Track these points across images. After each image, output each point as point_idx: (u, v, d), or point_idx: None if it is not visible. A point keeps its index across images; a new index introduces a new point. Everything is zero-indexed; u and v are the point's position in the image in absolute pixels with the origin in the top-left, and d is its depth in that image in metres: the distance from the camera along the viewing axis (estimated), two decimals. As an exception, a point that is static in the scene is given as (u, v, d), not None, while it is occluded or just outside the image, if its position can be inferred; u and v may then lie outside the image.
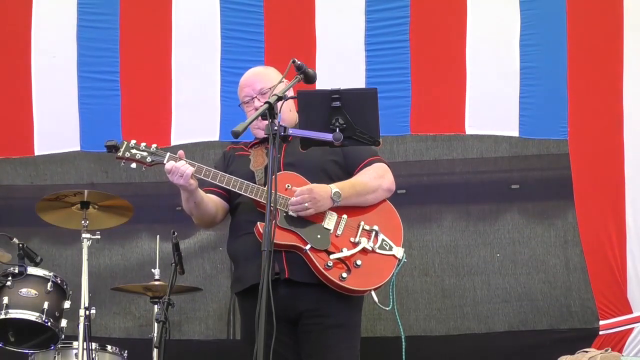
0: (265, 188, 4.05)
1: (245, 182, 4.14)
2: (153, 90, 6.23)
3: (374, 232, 4.19)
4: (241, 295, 4.30)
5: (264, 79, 4.40)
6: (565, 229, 6.43)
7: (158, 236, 5.94)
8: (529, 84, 6.12)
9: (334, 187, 4.16)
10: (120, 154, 4.25)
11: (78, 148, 6.26)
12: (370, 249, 4.15)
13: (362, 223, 4.19)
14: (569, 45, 6.09)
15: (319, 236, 4.12)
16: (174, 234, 4.83)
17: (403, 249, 4.21)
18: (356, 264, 4.11)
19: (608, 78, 6.09)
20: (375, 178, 4.29)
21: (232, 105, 6.08)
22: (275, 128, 3.61)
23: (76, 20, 6.23)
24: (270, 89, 4.19)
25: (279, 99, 3.69)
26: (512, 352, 6.27)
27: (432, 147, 6.56)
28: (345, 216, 4.18)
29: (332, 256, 4.09)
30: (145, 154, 4.24)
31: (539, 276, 6.42)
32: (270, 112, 3.63)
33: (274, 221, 3.89)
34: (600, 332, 5.92)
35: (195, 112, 6.21)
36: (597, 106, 6.12)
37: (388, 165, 4.39)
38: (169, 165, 4.16)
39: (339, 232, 4.16)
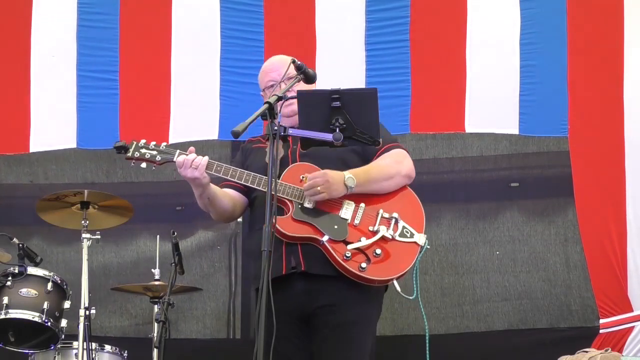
0: (280, 181, 4.00)
1: (258, 175, 4.04)
2: (152, 89, 6.23)
3: (393, 220, 4.05)
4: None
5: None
6: (565, 226, 6.44)
7: (158, 236, 5.94)
8: (529, 82, 6.11)
9: (347, 173, 4.04)
10: (129, 154, 4.16)
11: (74, 145, 6.24)
12: (390, 237, 4.02)
13: (381, 211, 4.06)
14: (569, 44, 6.09)
15: (336, 227, 4.01)
16: (173, 234, 4.82)
17: (425, 235, 4.08)
18: (376, 253, 3.99)
19: (608, 76, 6.09)
20: (392, 164, 4.15)
21: (231, 104, 6.10)
22: (275, 128, 3.60)
23: (76, 20, 6.23)
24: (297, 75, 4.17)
25: (279, 99, 3.68)
26: (511, 351, 6.27)
27: (432, 146, 6.56)
28: (363, 205, 4.06)
29: (349, 246, 3.97)
30: (154, 152, 4.14)
31: (539, 274, 6.43)
32: (270, 112, 3.62)
33: (281, 216, 3.94)
34: (601, 331, 5.91)
35: (194, 111, 6.21)
36: (597, 104, 6.12)
37: (407, 151, 4.27)
38: (181, 158, 4.05)
39: (356, 221, 4.04)
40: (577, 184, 6.10)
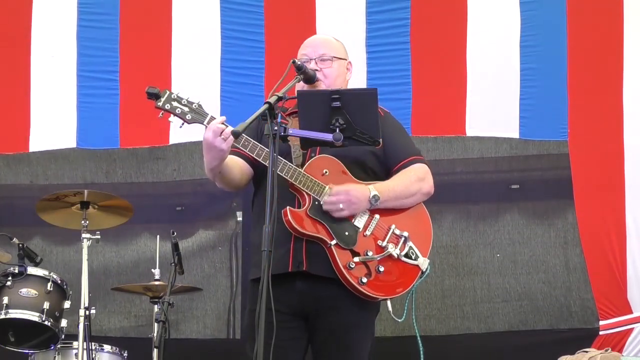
0: (303, 170, 3.91)
1: (283, 160, 3.88)
2: (152, 89, 6.24)
3: (402, 238, 3.98)
4: (257, 283, 3.78)
5: (329, 45, 4.19)
6: (565, 229, 6.44)
7: (158, 236, 5.93)
8: (529, 85, 6.13)
9: (373, 190, 3.96)
10: (160, 103, 3.87)
11: (74, 145, 6.24)
12: (396, 256, 3.95)
13: (394, 226, 3.99)
14: (569, 47, 6.10)
15: (347, 233, 3.93)
16: (173, 234, 4.81)
17: (428, 261, 4.01)
18: (378, 270, 3.92)
19: (608, 79, 6.10)
20: (415, 181, 4.06)
21: (231, 104, 6.10)
22: (276, 128, 3.59)
23: (76, 20, 6.24)
24: (332, 58, 4.09)
25: (279, 99, 3.66)
26: (512, 352, 6.28)
27: (433, 148, 6.56)
28: (377, 216, 3.98)
29: (355, 258, 3.90)
30: (186, 109, 3.89)
31: (539, 276, 6.43)
32: (270, 112, 3.61)
33: (295, 208, 3.87)
34: (600, 332, 5.93)
35: (194, 111, 6.21)
36: (597, 107, 6.13)
37: (429, 166, 4.18)
38: (212, 124, 3.82)
39: (367, 232, 3.96)
40: (576, 187, 6.12)
